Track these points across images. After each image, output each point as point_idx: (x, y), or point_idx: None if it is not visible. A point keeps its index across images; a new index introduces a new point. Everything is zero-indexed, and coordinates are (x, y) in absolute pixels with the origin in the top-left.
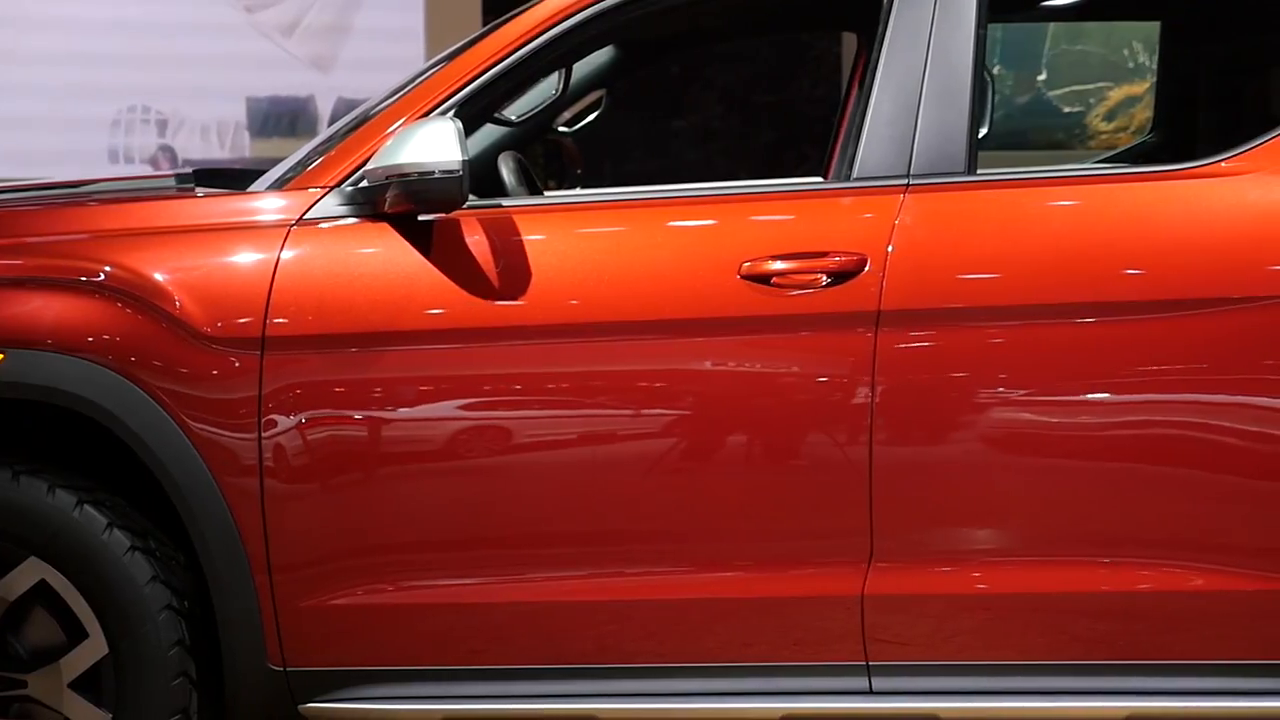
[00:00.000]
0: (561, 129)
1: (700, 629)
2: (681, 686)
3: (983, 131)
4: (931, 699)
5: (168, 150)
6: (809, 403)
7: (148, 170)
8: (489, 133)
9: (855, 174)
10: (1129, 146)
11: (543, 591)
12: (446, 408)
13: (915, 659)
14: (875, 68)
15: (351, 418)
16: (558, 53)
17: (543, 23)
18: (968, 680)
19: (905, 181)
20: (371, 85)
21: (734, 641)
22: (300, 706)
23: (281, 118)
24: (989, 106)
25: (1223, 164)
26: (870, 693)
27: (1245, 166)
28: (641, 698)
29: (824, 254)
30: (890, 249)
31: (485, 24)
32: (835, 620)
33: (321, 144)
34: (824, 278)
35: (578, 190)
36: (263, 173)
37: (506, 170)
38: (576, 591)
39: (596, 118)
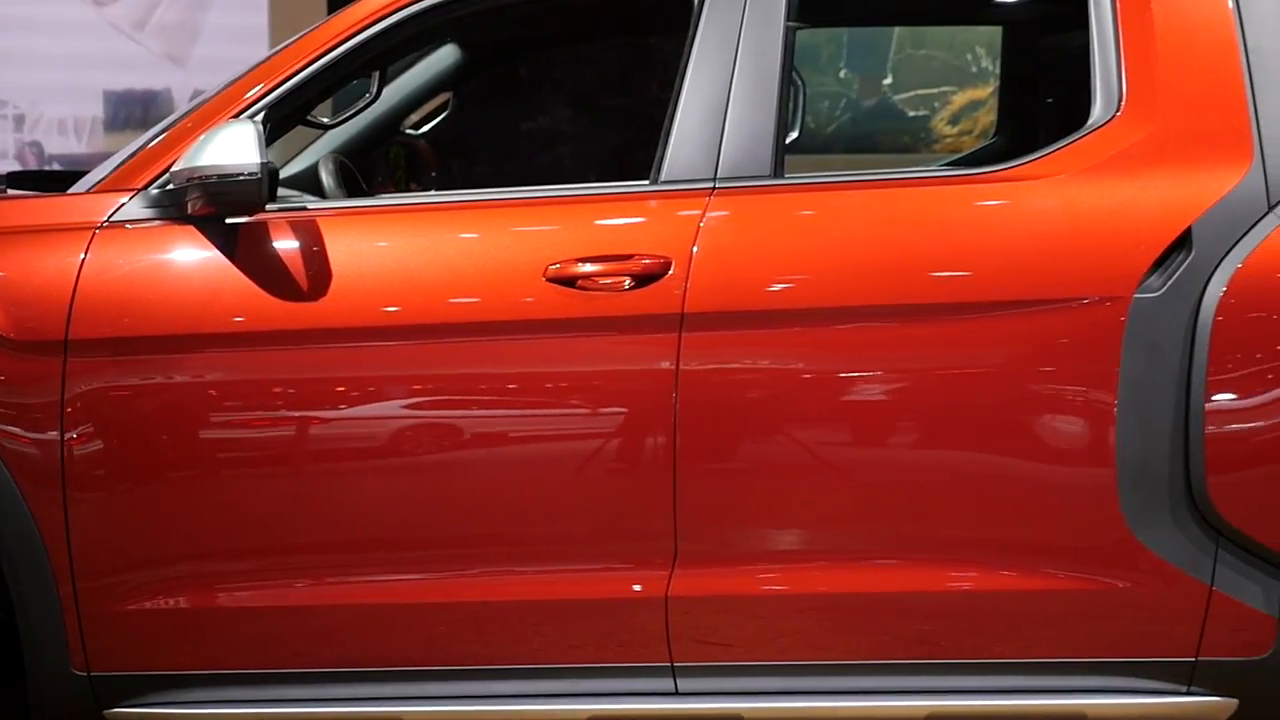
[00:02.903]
0: (409, 131)
1: (529, 631)
2: (493, 689)
3: (793, 135)
4: (737, 699)
5: (35, 146)
6: (614, 406)
7: (14, 167)
8: (333, 136)
9: (663, 176)
10: (972, 150)
11: (354, 594)
12: (250, 412)
13: (727, 659)
14: (684, 71)
15: (155, 422)
16: (371, 55)
17: (353, 26)
18: (776, 681)
19: (711, 184)
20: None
21: (559, 644)
22: (106, 712)
23: (136, 112)
24: (799, 111)
25: (1025, 168)
26: (676, 694)
27: (1045, 170)
28: (450, 700)
29: (629, 256)
30: (695, 251)
31: None
32: (644, 622)
33: (139, 146)
34: (628, 280)
35: (390, 195)
36: (85, 175)
37: (326, 173)
38: (383, 594)
39: (446, 120)
